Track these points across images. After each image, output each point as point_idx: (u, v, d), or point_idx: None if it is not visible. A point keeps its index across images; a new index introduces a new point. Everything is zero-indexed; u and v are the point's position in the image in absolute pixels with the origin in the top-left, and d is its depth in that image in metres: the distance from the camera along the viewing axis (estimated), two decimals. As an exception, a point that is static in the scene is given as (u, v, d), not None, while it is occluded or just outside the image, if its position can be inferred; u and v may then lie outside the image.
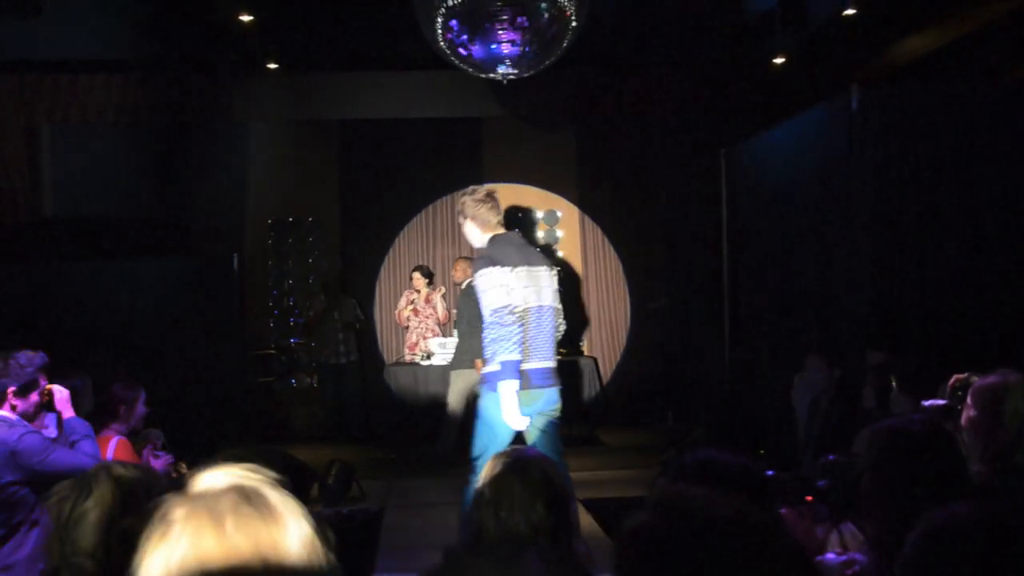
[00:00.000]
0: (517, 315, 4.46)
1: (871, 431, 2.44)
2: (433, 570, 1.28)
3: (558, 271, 4.92)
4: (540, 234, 10.71)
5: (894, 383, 4.53)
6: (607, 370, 10.43)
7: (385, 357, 10.12)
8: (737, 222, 8.31)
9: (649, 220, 10.59)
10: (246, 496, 1.22)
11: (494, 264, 4.50)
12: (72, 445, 3.91)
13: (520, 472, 2.15)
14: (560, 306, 4.78)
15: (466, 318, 7.51)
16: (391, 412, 8.73)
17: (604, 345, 10.63)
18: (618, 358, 10.65)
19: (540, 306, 4.61)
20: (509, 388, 4.42)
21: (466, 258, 8.10)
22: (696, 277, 9.53)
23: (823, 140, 6.57)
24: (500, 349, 4.42)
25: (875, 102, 5.97)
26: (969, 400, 2.98)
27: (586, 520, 5.79)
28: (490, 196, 4.75)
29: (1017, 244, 5.84)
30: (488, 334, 4.48)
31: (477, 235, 4.75)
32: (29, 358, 3.92)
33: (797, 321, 6.99)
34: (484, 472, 2.23)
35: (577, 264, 10.74)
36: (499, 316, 4.44)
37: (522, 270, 4.55)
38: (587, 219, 10.68)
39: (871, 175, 5.95)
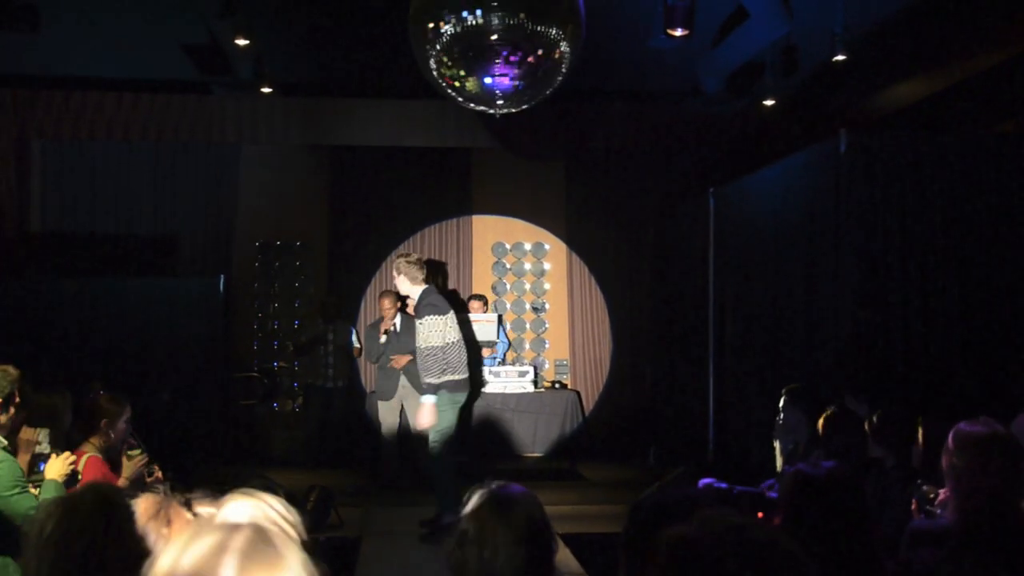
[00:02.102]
0: (447, 347, 6.28)
1: (790, 473, 2.58)
2: None
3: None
4: (527, 266, 10.74)
5: (868, 431, 4.48)
6: (589, 404, 10.42)
7: (367, 386, 10.08)
8: (724, 261, 8.34)
9: (636, 256, 10.65)
10: (262, 537, 1.23)
11: (438, 313, 6.31)
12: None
13: (504, 512, 2.14)
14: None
15: (408, 349, 7.58)
16: (372, 439, 8.68)
17: (587, 379, 10.62)
18: (601, 392, 10.65)
19: (457, 340, 6.39)
20: (429, 400, 6.34)
21: (390, 292, 8.21)
22: (681, 314, 9.54)
23: (811, 183, 6.62)
24: (442, 373, 6.32)
25: (863, 147, 6.03)
26: (951, 445, 2.92)
27: (565, 554, 5.76)
28: (418, 260, 6.55)
29: (1002, 290, 5.89)
30: (431, 361, 6.26)
31: (406, 286, 6.47)
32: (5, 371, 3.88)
33: (782, 361, 7.01)
34: (466, 507, 2.22)
35: (563, 297, 10.76)
36: (438, 350, 6.28)
37: (452, 315, 6.38)
38: (574, 253, 10.72)
39: (857, 219, 6.00)
